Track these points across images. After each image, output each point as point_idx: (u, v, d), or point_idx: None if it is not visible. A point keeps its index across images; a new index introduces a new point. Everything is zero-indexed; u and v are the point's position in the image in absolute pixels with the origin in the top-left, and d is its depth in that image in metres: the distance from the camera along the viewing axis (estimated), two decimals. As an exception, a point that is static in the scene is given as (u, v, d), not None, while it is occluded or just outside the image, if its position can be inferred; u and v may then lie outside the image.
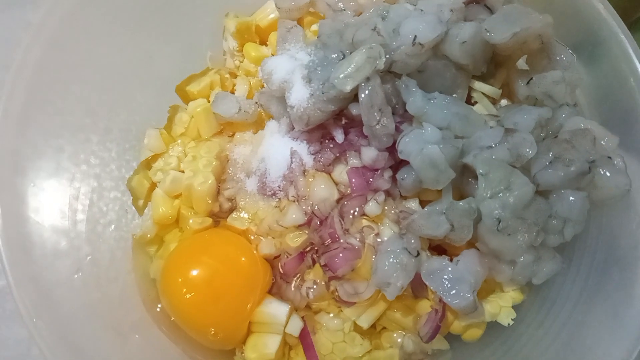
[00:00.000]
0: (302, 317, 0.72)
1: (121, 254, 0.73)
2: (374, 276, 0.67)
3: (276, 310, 0.70)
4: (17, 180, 0.65)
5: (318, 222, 0.71)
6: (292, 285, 0.72)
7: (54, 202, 0.68)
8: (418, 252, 0.67)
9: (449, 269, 0.66)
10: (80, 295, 0.66)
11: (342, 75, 0.66)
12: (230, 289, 0.70)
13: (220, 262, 0.72)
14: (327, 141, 0.73)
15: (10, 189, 0.65)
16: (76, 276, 0.66)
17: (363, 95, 0.67)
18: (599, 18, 0.72)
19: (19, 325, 0.84)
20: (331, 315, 0.72)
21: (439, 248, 0.73)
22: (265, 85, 0.75)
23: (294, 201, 0.72)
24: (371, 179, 0.70)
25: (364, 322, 0.70)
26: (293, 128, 0.73)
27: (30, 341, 0.84)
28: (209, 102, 0.80)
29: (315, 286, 0.71)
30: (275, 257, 0.73)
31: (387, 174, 0.70)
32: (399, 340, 0.71)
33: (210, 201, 0.74)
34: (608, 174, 0.65)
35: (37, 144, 0.69)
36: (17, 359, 0.84)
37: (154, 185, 0.77)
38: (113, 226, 0.74)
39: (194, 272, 0.70)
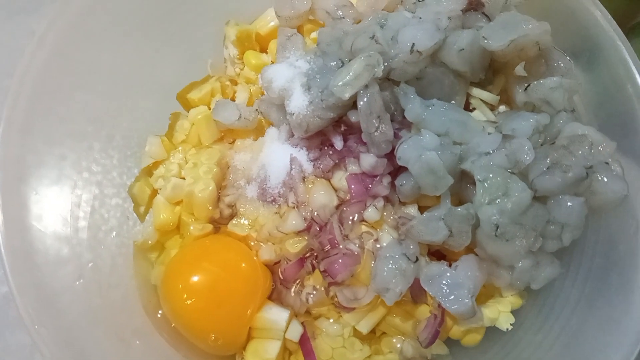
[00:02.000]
0: (302, 323, 0.72)
1: (122, 261, 0.74)
2: (373, 282, 0.67)
3: (276, 315, 0.71)
4: (19, 188, 0.66)
5: (317, 228, 0.71)
6: (292, 290, 0.72)
7: (56, 209, 0.68)
8: (417, 257, 0.67)
9: (448, 274, 0.67)
10: (82, 302, 0.66)
11: (340, 83, 0.67)
12: (231, 294, 0.70)
13: (220, 268, 0.72)
14: (326, 148, 0.73)
15: (13, 197, 0.65)
16: (78, 283, 0.67)
17: (362, 103, 0.67)
18: (596, 25, 0.72)
19: (23, 332, 0.84)
20: (331, 320, 0.72)
21: (438, 254, 0.73)
22: (265, 92, 0.76)
23: (294, 207, 0.72)
24: (370, 185, 0.71)
25: (364, 328, 0.70)
26: (293, 135, 0.74)
27: (33, 347, 0.84)
28: (209, 109, 0.80)
29: (314, 292, 0.71)
30: (275, 263, 0.73)
31: (386, 180, 0.70)
32: (399, 345, 0.71)
33: (210, 207, 0.75)
34: (605, 180, 0.65)
35: (40, 151, 0.69)
36: (20, 365, 0.85)
37: (155, 192, 0.78)
38: (114, 233, 0.74)
39: (195, 278, 0.70)
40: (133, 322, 0.71)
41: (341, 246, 0.69)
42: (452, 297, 0.66)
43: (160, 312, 0.73)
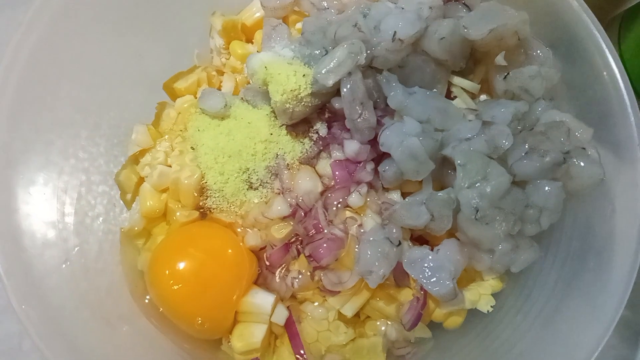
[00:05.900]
0: (288, 307, 0.73)
1: (109, 247, 0.74)
2: (357, 265, 0.69)
3: (262, 300, 0.71)
4: (7, 173, 0.66)
5: (302, 214, 0.72)
6: (278, 275, 0.73)
7: (43, 194, 0.69)
8: (400, 241, 0.69)
9: (430, 257, 0.68)
10: (68, 285, 0.67)
11: (324, 70, 0.68)
12: (217, 280, 0.71)
13: (206, 253, 0.73)
14: (310, 135, 0.74)
15: (1, 181, 0.66)
16: (64, 266, 0.67)
17: (345, 90, 0.68)
18: (575, 16, 0.74)
19: (10, 320, 0.85)
20: (316, 304, 0.73)
21: (420, 239, 0.74)
22: (250, 81, 0.77)
23: (279, 194, 0.73)
24: (354, 172, 0.72)
25: (348, 311, 0.71)
26: (278, 122, 0.75)
27: (21, 335, 0.85)
28: (196, 98, 0.81)
29: (300, 276, 0.72)
30: (261, 249, 0.75)
31: (370, 166, 0.72)
32: (383, 328, 0.73)
33: (196, 194, 0.75)
34: (582, 164, 0.67)
35: (28, 138, 0.70)
36: (8, 353, 0.85)
37: (141, 180, 0.78)
38: (101, 219, 0.74)
39: (181, 264, 0.71)
40: (120, 306, 0.71)
41: (326, 231, 0.71)
42: (434, 279, 0.67)
43: (147, 297, 0.74)
